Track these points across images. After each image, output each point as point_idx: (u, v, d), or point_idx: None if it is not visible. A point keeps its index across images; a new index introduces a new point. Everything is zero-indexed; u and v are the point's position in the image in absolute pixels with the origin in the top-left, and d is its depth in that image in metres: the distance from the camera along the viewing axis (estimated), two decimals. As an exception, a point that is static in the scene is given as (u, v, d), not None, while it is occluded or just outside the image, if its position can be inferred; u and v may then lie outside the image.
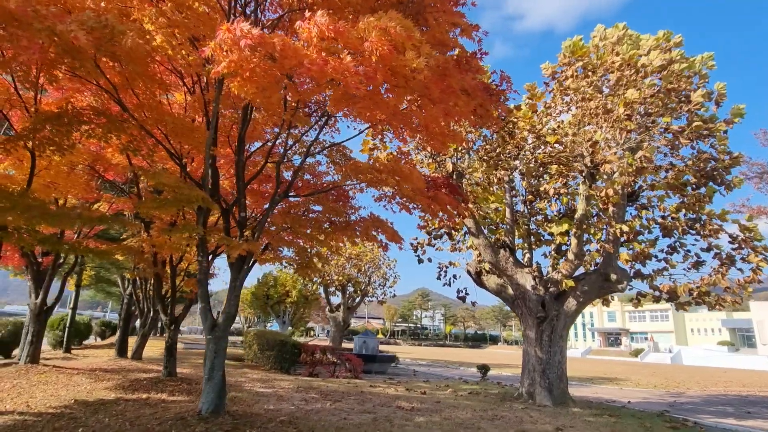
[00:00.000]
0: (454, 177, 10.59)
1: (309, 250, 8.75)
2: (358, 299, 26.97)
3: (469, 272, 11.88)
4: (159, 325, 56.55)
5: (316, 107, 6.50)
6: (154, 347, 23.97)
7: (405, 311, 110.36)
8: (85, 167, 8.15)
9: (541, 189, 10.13)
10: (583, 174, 9.51)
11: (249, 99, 4.32)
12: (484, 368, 15.98)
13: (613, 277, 9.80)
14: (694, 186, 10.04)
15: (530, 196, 11.55)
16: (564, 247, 11.13)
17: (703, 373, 33.01)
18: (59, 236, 9.07)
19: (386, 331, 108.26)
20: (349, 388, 10.29)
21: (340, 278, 25.25)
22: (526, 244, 12.42)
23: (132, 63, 4.21)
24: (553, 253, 12.03)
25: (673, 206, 9.94)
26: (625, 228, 9.23)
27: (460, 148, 10.42)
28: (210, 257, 7.17)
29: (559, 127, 9.62)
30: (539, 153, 9.62)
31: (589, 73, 9.40)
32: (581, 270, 10.80)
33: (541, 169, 10.20)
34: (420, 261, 12.39)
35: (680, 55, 9.22)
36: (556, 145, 9.81)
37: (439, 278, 12.77)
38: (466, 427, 6.45)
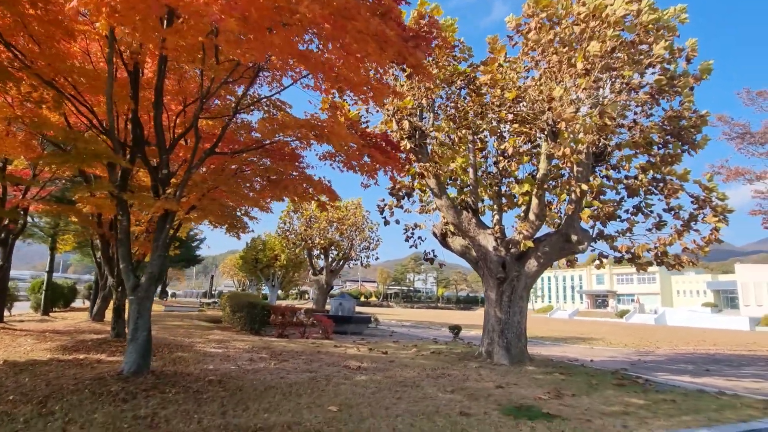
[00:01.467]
0: (417, 136, 10.27)
1: (238, 209, 8.52)
2: (341, 262, 27.05)
3: (434, 234, 11.75)
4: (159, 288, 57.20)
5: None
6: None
7: (398, 275, 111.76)
8: (21, 125, 7.78)
9: (501, 148, 9.84)
10: (545, 132, 9.20)
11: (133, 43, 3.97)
12: (455, 329, 16.16)
13: (574, 237, 9.69)
14: (660, 145, 9.79)
15: (501, 157, 11.27)
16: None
17: (681, 333, 33.79)
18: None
19: (379, 294, 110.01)
20: (309, 348, 10.35)
21: (322, 242, 25.22)
22: (496, 206, 12.24)
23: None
24: (522, 214, 11.88)
25: (638, 165, 9.72)
26: (585, 187, 9.03)
27: (421, 106, 10.05)
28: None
29: (523, 84, 9.23)
30: (502, 111, 9.26)
31: (555, 25, 8.93)
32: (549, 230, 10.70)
33: (505, 127, 9.87)
34: (386, 223, 12.23)
35: (648, 6, 8.73)
36: (522, 104, 9.46)
37: (407, 240, 12.64)
38: (404, 385, 6.45)
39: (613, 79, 8.48)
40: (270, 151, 7.29)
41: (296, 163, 7.40)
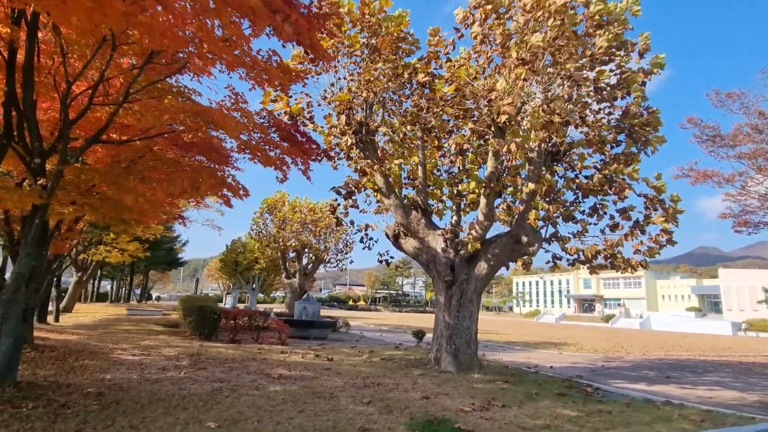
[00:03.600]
0: (363, 132, 9.81)
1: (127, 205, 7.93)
2: (314, 265, 26.49)
3: (387, 235, 11.29)
4: (124, 291, 55.84)
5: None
6: (97, 313, 23.37)
7: (387, 278, 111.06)
8: None
9: (444, 146, 9.43)
10: (492, 128, 8.79)
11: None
12: (420, 334, 15.69)
13: (524, 239, 9.27)
14: (613, 144, 9.43)
15: (459, 156, 10.83)
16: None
17: (660, 337, 33.59)
18: None
19: (367, 298, 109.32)
20: (246, 355, 9.81)
21: (294, 244, 24.65)
22: (455, 206, 11.82)
23: None
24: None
25: (589, 165, 9.35)
26: (532, 187, 8.63)
27: (367, 100, 9.61)
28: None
29: (466, 77, 8.81)
30: (447, 106, 8.85)
31: (501, 17, 8.55)
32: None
33: (452, 123, 9.46)
34: (338, 223, 11.76)
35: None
36: (468, 100, 9.05)
37: (362, 241, 12.16)
38: (318, 396, 5.96)
39: (560, 73, 8.10)
40: (194, 144, 6.79)
41: (219, 157, 6.90)
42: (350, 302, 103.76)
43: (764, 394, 9.25)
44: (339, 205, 12.06)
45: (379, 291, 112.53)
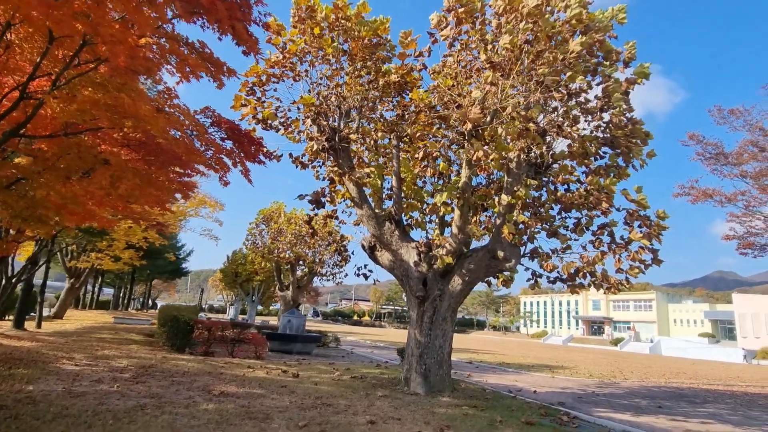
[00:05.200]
0: (336, 139, 9.45)
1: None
2: (309, 278, 26.00)
3: (363, 246, 10.84)
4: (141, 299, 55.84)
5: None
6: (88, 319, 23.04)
7: (392, 294, 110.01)
8: None
9: (415, 155, 9.01)
10: (465, 136, 8.36)
11: None
12: (403, 351, 15.04)
13: (501, 254, 8.74)
14: (597, 156, 8.94)
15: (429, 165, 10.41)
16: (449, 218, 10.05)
17: (666, 363, 32.29)
18: None
19: (372, 313, 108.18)
20: (206, 369, 9.35)
21: (287, 256, 24.25)
22: (437, 219, 11.34)
23: None
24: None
25: (571, 178, 8.85)
26: (506, 199, 8.15)
27: (338, 106, 9.28)
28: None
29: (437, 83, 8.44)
30: (421, 113, 8.46)
31: (475, 21, 8.21)
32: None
33: (436, 128, 9.05)
34: (314, 234, 11.35)
35: (578, 2, 7.99)
36: (439, 106, 8.66)
37: (340, 253, 11.72)
38: (249, 417, 5.47)
39: (534, 79, 7.67)
40: (145, 144, 6.49)
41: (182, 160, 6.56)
42: (355, 317, 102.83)
43: (761, 430, 8.51)
44: (316, 215, 11.70)
45: (384, 306, 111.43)
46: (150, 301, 72.36)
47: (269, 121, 9.62)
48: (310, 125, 8.70)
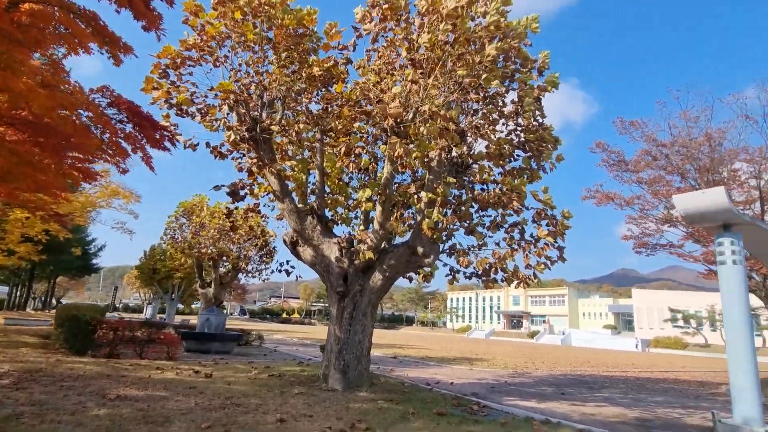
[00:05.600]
0: (258, 130, 9.11)
1: None
2: (233, 275, 24.99)
3: (285, 242, 10.57)
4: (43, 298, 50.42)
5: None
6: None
7: (322, 291, 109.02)
8: None
9: (336, 150, 8.99)
10: (387, 132, 8.43)
11: None
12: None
13: (420, 250, 8.93)
14: (511, 158, 9.42)
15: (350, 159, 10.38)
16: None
17: (574, 353, 35.08)
18: None
19: (302, 311, 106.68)
20: (107, 372, 8.64)
21: (210, 252, 23.11)
22: (362, 215, 11.34)
23: None
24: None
25: (488, 178, 9.26)
26: (427, 195, 8.34)
27: (260, 96, 8.97)
28: None
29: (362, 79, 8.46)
30: (341, 105, 8.41)
31: (399, 18, 8.29)
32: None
33: (349, 125, 9.02)
34: (233, 228, 10.89)
35: (496, 9, 8.35)
36: (363, 101, 8.67)
37: (261, 248, 11.34)
38: (150, 421, 5.11)
39: (453, 79, 7.91)
40: (32, 124, 5.78)
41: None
42: (284, 315, 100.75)
43: (645, 410, 9.44)
44: (237, 208, 11.24)
45: (314, 304, 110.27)
46: (54, 301, 65.83)
47: (184, 107, 9.05)
48: (227, 113, 8.30)
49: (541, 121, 9.01)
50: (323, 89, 9.29)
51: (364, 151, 9.33)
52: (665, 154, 15.71)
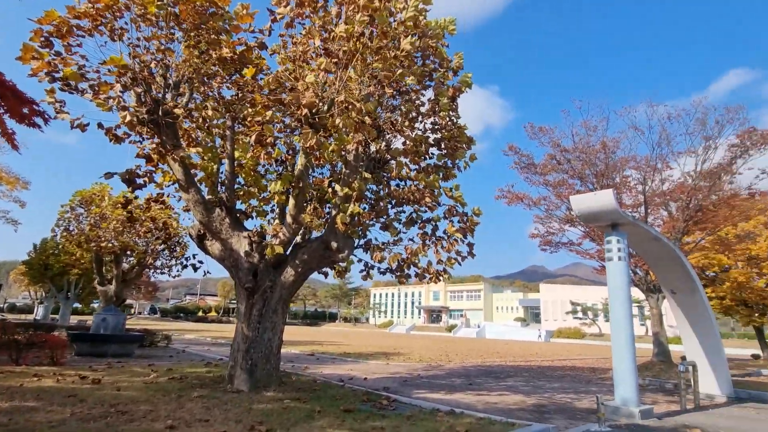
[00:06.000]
0: (160, 113, 8.36)
1: None
2: (137, 271, 23.04)
3: (191, 235, 9.87)
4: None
5: None
6: None
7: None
8: None
9: (247, 140, 8.59)
10: (302, 123, 8.16)
11: None
12: (239, 347, 14.28)
13: (334, 245, 8.77)
14: (426, 155, 9.58)
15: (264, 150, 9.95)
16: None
17: (487, 345, 37.03)
18: None
19: (220, 309, 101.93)
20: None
21: (111, 246, 21.08)
22: (278, 208, 10.90)
23: None
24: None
25: (404, 174, 9.33)
26: (342, 189, 8.20)
27: (162, 77, 8.25)
28: None
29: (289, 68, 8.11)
30: (252, 92, 8.00)
31: (316, 5, 8.04)
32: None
33: (261, 113, 8.59)
34: (132, 220, 9.97)
35: (415, 7, 8.40)
36: (281, 92, 8.30)
37: (164, 242, 10.49)
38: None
39: (373, 73, 7.83)
40: None
41: None
42: (200, 313, 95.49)
43: (542, 398, 10.11)
44: (136, 198, 10.30)
45: (233, 301, 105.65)
46: None
47: (73, 83, 8.06)
48: (120, 91, 7.51)
49: (455, 120, 9.25)
50: (236, 74, 8.76)
51: (281, 142, 8.96)
52: (568, 159, 17.05)
